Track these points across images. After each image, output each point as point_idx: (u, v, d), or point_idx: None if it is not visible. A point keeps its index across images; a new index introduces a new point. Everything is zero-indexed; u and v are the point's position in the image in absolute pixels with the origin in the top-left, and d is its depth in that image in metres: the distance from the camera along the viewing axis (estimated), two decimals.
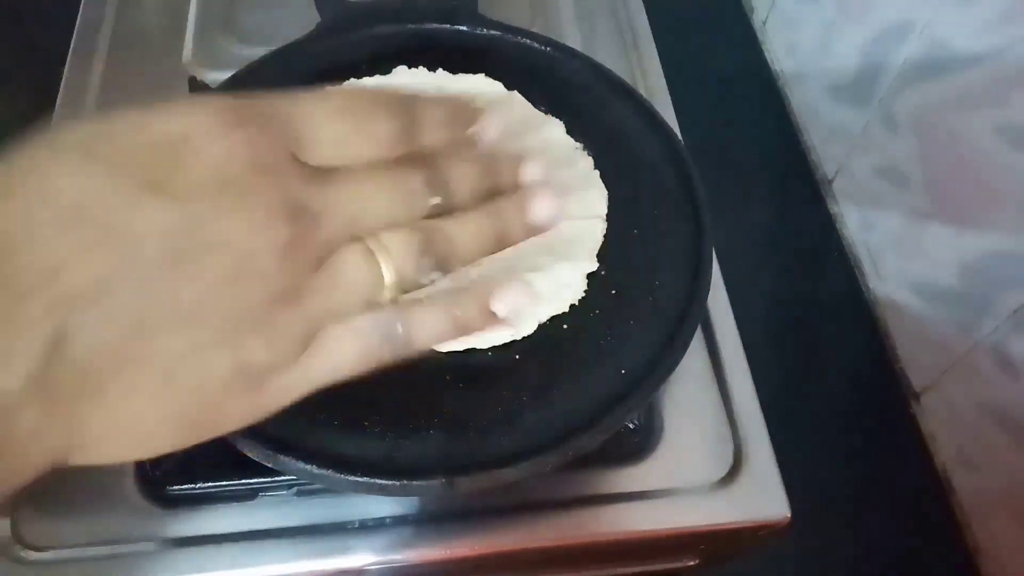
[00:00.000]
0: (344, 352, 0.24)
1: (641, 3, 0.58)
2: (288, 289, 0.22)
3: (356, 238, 0.24)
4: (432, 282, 0.26)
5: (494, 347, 0.35)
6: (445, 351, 0.35)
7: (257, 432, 0.32)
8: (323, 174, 0.23)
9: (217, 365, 0.22)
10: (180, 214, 0.21)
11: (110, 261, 0.20)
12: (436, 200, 0.26)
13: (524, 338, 0.35)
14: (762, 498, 0.39)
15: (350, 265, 0.24)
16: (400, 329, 0.25)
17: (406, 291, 0.25)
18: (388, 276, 0.24)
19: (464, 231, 0.26)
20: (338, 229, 0.24)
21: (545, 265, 0.37)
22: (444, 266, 0.26)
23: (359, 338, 0.24)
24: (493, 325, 0.28)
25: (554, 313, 0.36)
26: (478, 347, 0.35)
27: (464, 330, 0.27)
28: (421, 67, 0.44)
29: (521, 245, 0.37)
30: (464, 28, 0.46)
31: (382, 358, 0.25)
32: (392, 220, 0.25)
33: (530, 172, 0.30)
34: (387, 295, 0.25)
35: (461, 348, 0.35)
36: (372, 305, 0.25)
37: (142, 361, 0.21)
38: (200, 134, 0.21)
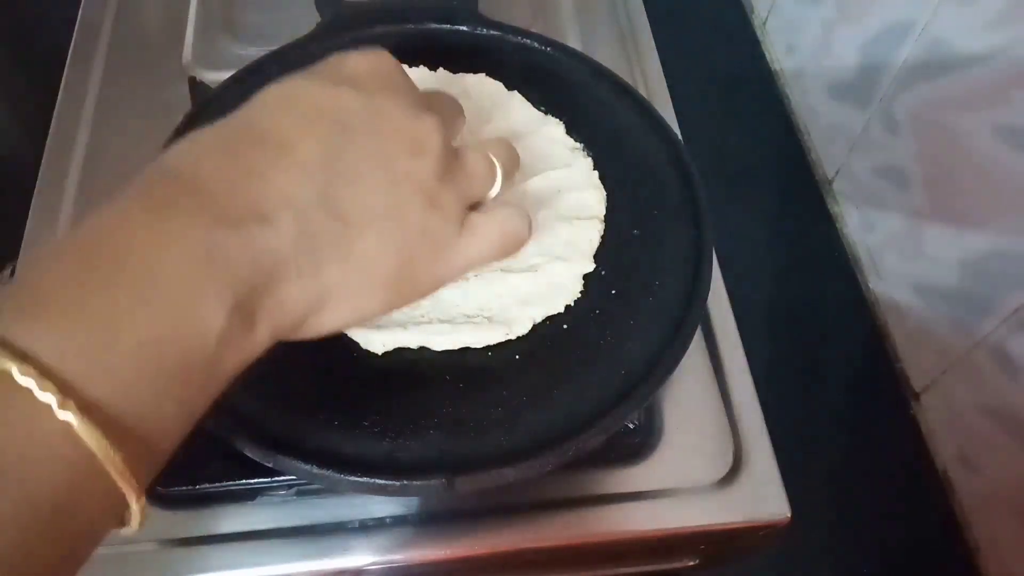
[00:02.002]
0: (490, 231, 0.31)
1: (641, 3, 0.58)
2: (446, 169, 0.29)
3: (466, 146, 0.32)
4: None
5: (494, 347, 0.35)
6: (440, 350, 0.35)
7: (257, 432, 0.32)
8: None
9: (412, 226, 0.28)
10: (365, 96, 0.28)
11: (329, 130, 0.27)
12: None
13: (524, 338, 0.35)
14: (762, 498, 0.39)
15: (475, 161, 0.31)
16: (521, 211, 0.32)
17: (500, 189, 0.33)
18: (499, 171, 0.32)
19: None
20: (450, 127, 0.32)
21: (541, 265, 0.37)
22: (515, 171, 0.34)
23: (498, 219, 0.31)
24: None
25: (548, 314, 0.36)
26: (474, 346, 0.35)
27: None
28: (422, 66, 0.44)
29: None
30: (464, 28, 0.46)
31: (518, 237, 0.32)
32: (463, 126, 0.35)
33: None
34: (498, 188, 0.32)
35: (456, 347, 0.35)
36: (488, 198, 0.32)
37: (369, 219, 0.27)
38: (353, 55, 0.29)
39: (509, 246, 0.32)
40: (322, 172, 0.26)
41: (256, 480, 0.37)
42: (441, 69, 0.44)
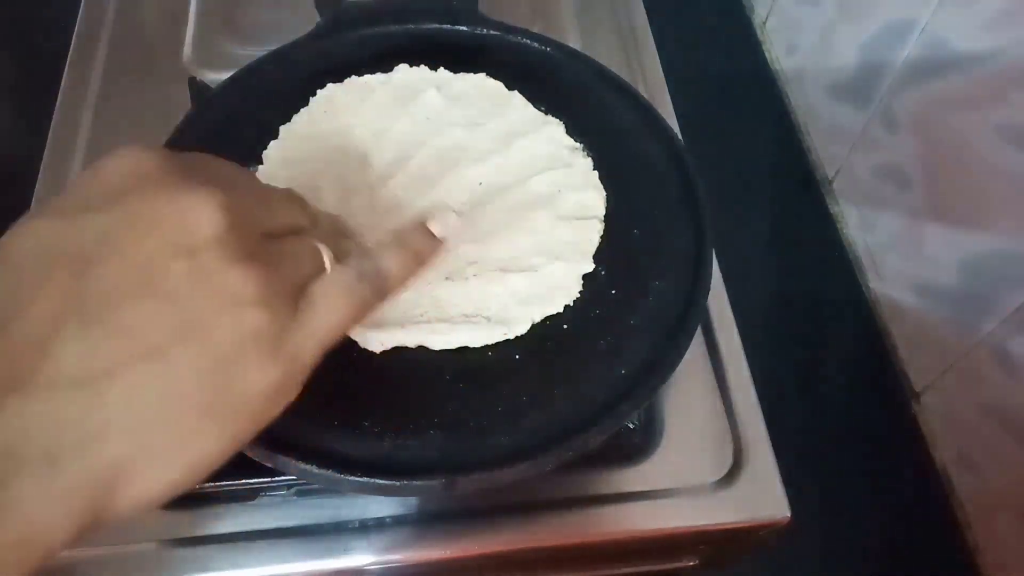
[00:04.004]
0: (332, 300, 0.27)
1: (641, 3, 0.58)
2: (247, 250, 0.24)
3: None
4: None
5: (493, 347, 0.35)
6: (437, 349, 0.35)
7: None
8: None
9: (222, 338, 0.23)
10: (108, 211, 0.23)
11: (67, 276, 0.22)
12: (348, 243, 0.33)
13: (524, 338, 0.35)
14: (762, 498, 0.39)
15: (298, 245, 0.27)
16: (368, 266, 0.28)
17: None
18: (327, 258, 0.28)
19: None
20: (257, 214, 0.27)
21: (540, 265, 0.37)
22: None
23: (338, 283, 0.27)
24: (436, 249, 0.32)
25: (548, 313, 0.36)
26: (472, 345, 0.35)
27: (419, 257, 0.31)
28: (422, 66, 0.44)
29: (517, 246, 0.38)
30: (464, 28, 0.46)
31: (366, 300, 0.28)
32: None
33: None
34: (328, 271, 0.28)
35: (454, 347, 0.35)
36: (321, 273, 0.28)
37: (149, 357, 0.22)
38: (103, 163, 0.24)
39: (360, 313, 0.28)
40: (65, 330, 0.21)
41: (256, 480, 0.37)
42: (441, 69, 0.44)
